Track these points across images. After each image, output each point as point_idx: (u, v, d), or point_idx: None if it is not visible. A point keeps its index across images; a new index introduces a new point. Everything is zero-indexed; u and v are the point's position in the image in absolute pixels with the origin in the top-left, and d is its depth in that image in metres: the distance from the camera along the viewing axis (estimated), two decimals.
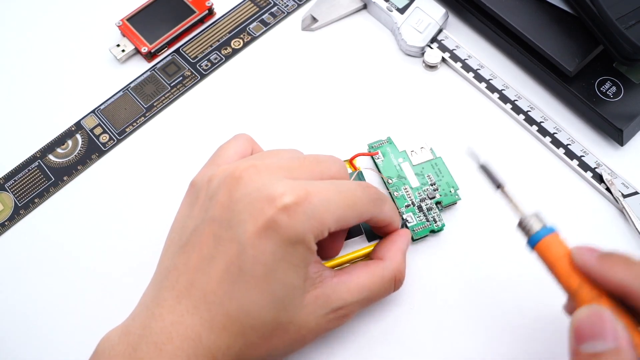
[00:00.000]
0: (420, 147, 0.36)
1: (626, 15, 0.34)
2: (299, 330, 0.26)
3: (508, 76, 0.40)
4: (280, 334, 0.26)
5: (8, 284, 0.34)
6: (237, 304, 0.25)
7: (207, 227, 0.26)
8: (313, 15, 0.43)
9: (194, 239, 0.26)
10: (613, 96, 0.36)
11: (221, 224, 0.25)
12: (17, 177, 0.38)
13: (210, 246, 0.26)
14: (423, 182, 0.35)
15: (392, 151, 0.36)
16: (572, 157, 0.36)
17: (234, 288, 0.25)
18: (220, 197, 0.26)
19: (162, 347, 0.24)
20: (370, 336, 0.32)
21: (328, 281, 0.27)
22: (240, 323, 0.25)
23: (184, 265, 0.26)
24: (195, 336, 0.25)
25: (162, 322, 0.25)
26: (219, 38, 0.43)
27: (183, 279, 0.26)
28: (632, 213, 0.34)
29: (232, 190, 0.26)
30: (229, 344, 0.25)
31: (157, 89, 0.41)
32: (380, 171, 0.35)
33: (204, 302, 0.25)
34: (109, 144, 0.39)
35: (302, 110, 0.39)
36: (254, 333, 0.25)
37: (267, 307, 0.25)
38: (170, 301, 0.25)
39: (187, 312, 0.25)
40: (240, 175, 0.26)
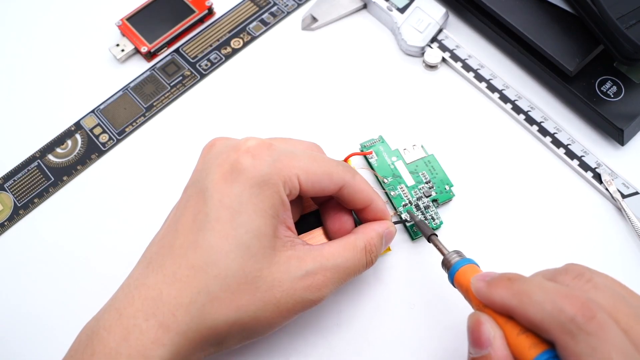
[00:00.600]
0: (412, 145, 0.36)
1: (627, 14, 0.34)
2: (271, 290, 0.25)
3: (508, 76, 0.40)
4: (249, 289, 0.24)
5: (8, 284, 0.34)
6: (201, 252, 0.24)
7: (182, 195, 0.27)
8: (313, 15, 0.42)
9: (172, 210, 0.27)
10: (613, 96, 0.36)
11: (194, 185, 0.26)
12: (16, 177, 0.38)
13: (182, 207, 0.26)
14: (418, 180, 0.35)
15: (384, 150, 0.36)
16: (572, 157, 0.36)
17: (199, 236, 0.24)
18: (197, 165, 0.28)
19: (122, 312, 0.24)
20: (371, 336, 0.32)
21: (300, 247, 0.27)
22: (204, 273, 0.24)
23: (158, 236, 0.27)
24: (155, 294, 0.24)
25: (127, 288, 0.25)
26: (218, 38, 0.43)
27: (154, 247, 0.26)
28: (631, 213, 0.34)
29: (205, 154, 0.28)
30: (191, 298, 0.24)
31: (156, 89, 0.41)
32: (375, 171, 0.35)
33: (170, 257, 0.25)
34: (108, 144, 0.39)
35: (302, 110, 0.39)
36: (218, 284, 0.24)
37: (232, 253, 0.24)
38: (140, 269, 0.25)
39: (152, 272, 0.25)
40: (214, 142, 0.28)
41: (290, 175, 0.26)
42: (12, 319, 0.33)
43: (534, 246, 0.34)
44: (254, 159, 0.25)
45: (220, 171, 0.25)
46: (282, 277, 0.25)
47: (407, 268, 0.34)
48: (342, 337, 0.32)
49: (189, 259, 0.24)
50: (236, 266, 0.24)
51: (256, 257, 0.25)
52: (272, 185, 0.25)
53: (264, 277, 0.25)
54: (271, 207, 0.25)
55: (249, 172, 0.25)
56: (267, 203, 0.25)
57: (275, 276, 0.25)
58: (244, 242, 0.24)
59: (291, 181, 0.26)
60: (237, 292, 0.24)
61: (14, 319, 0.33)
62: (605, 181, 0.35)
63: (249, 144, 0.26)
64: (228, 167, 0.25)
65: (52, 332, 0.33)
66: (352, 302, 0.33)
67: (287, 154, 0.26)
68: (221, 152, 0.26)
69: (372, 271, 0.33)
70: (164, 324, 0.23)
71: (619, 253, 0.34)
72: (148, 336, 0.23)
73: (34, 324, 0.33)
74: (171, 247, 0.25)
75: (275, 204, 0.25)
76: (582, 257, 0.34)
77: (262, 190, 0.25)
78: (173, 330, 0.24)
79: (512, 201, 0.36)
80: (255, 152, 0.26)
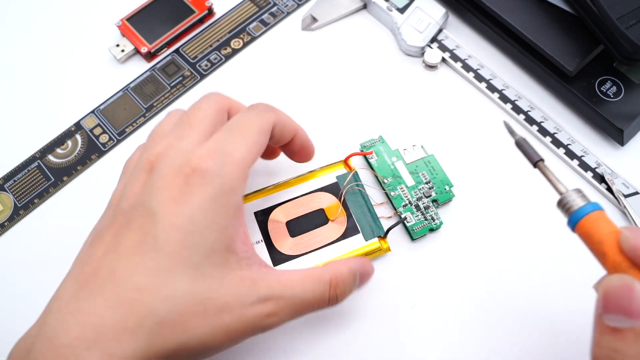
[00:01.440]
0: (412, 145, 0.36)
1: (627, 14, 0.34)
2: (220, 314, 0.23)
3: (508, 76, 0.40)
4: (198, 312, 0.23)
5: (8, 284, 0.34)
6: (149, 274, 0.23)
7: (116, 217, 0.25)
8: (313, 15, 0.42)
9: (104, 231, 0.25)
10: (613, 96, 0.36)
11: (134, 208, 0.25)
12: (16, 177, 0.38)
13: (122, 228, 0.24)
14: (418, 180, 0.35)
15: (384, 150, 0.36)
16: (572, 157, 0.36)
17: (146, 259, 0.23)
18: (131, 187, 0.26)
19: (55, 342, 0.22)
20: (371, 336, 0.32)
21: (256, 268, 0.25)
22: (151, 295, 0.23)
23: (89, 256, 0.25)
24: (96, 320, 0.22)
25: (58, 313, 0.23)
26: (218, 38, 0.43)
27: (88, 268, 0.24)
28: (633, 213, 0.34)
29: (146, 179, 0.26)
30: (138, 322, 0.22)
31: (156, 89, 0.41)
32: (375, 171, 0.35)
33: (111, 280, 0.23)
34: (108, 144, 0.39)
35: (302, 110, 0.39)
36: (166, 306, 0.23)
37: (181, 274, 0.23)
38: (71, 291, 0.24)
39: (89, 295, 0.23)
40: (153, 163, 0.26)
41: (242, 170, 0.25)
42: (12, 319, 0.33)
43: (534, 246, 0.34)
44: (203, 177, 0.24)
45: (169, 194, 0.24)
46: (232, 300, 0.24)
47: (407, 268, 0.34)
48: (342, 336, 0.32)
49: (134, 281, 0.23)
50: (184, 287, 0.23)
51: (205, 277, 0.23)
52: (227, 192, 0.24)
53: (213, 300, 0.23)
54: (225, 218, 0.24)
55: (200, 191, 0.24)
56: (221, 214, 0.24)
57: (225, 299, 0.24)
58: (194, 263, 0.23)
59: (244, 174, 0.25)
60: (185, 314, 0.23)
61: (14, 320, 0.33)
62: (608, 181, 0.35)
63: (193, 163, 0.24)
64: (177, 190, 0.24)
65: None
66: (351, 301, 0.33)
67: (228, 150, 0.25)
68: (164, 174, 0.25)
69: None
70: (108, 351, 0.22)
71: None
72: None
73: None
74: (112, 270, 0.23)
75: (229, 212, 0.24)
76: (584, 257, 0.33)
77: (217, 202, 0.24)
78: (118, 358, 0.22)
79: (513, 201, 0.36)
80: (202, 168, 0.24)
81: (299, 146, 0.31)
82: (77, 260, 0.25)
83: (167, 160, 0.25)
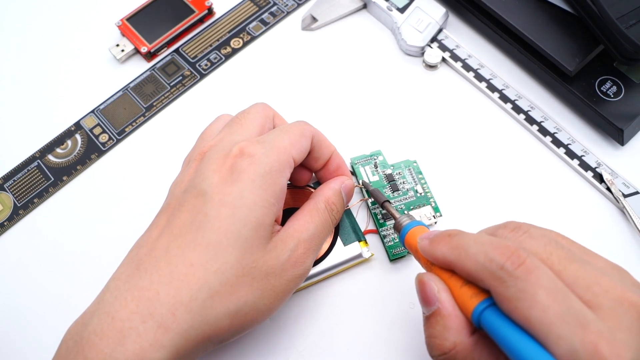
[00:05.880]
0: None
1: (627, 14, 0.34)
2: (266, 277, 0.26)
3: (508, 76, 0.40)
4: (246, 280, 0.25)
5: (8, 284, 0.34)
6: (200, 250, 0.24)
7: (171, 202, 0.27)
8: (313, 15, 0.42)
9: (159, 215, 0.27)
10: (613, 96, 0.36)
11: (187, 191, 0.26)
12: (16, 177, 0.38)
13: (175, 211, 0.26)
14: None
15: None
16: (572, 156, 0.36)
17: (198, 235, 0.25)
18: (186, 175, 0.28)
19: (114, 315, 0.23)
20: (371, 335, 0.32)
21: (280, 231, 0.27)
22: (203, 269, 0.24)
23: (145, 239, 0.26)
24: (151, 295, 0.23)
25: (116, 290, 0.24)
26: (218, 38, 0.43)
27: (144, 249, 0.25)
28: (632, 212, 0.34)
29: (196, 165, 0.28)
30: (191, 296, 0.24)
31: (156, 89, 0.41)
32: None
33: (165, 258, 0.24)
34: (108, 144, 0.39)
35: (302, 110, 0.39)
36: (217, 279, 0.24)
37: (230, 247, 0.24)
38: (129, 271, 0.25)
39: (145, 273, 0.24)
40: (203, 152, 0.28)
41: (287, 159, 0.27)
42: (13, 319, 0.33)
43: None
44: (250, 158, 0.26)
45: (219, 175, 0.26)
46: (273, 263, 0.26)
47: (407, 267, 0.34)
48: (342, 336, 0.32)
49: (186, 257, 0.24)
50: (233, 259, 0.25)
51: (252, 249, 0.25)
52: (274, 174, 0.26)
53: (259, 267, 0.25)
54: (273, 196, 0.26)
55: (249, 171, 0.26)
56: (270, 192, 0.26)
57: (268, 264, 0.26)
58: (242, 235, 0.25)
59: (288, 163, 0.27)
60: (235, 285, 0.25)
61: (14, 319, 0.33)
62: (607, 180, 0.35)
63: (241, 146, 0.26)
64: (226, 171, 0.26)
65: (52, 332, 0.33)
66: (351, 301, 0.33)
67: (274, 141, 0.27)
68: (213, 159, 0.27)
69: (372, 271, 0.33)
70: (163, 324, 0.23)
71: (621, 252, 0.34)
72: (146, 338, 0.23)
73: (34, 324, 0.33)
74: (167, 249, 0.25)
75: (276, 191, 0.26)
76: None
77: (265, 181, 0.26)
78: (173, 331, 0.23)
79: (512, 200, 0.36)
80: (249, 151, 0.26)
81: (336, 166, 0.31)
82: (135, 245, 0.27)
83: (217, 148, 0.27)
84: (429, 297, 0.24)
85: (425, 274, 0.25)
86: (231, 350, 0.31)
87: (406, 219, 0.28)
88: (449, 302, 0.23)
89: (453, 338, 0.23)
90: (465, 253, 0.23)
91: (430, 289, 0.24)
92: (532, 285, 0.20)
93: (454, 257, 0.23)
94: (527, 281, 0.20)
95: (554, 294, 0.20)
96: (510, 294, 0.20)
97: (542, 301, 0.20)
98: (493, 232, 0.24)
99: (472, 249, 0.22)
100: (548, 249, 0.22)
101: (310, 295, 0.33)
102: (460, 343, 0.22)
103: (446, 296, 0.23)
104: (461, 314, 0.23)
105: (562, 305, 0.20)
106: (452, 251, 0.23)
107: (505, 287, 0.21)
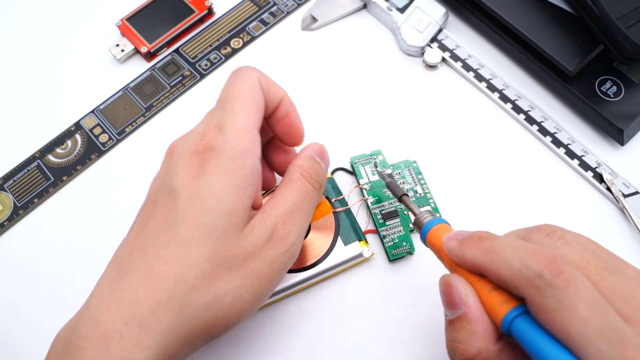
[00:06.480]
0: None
1: (627, 14, 0.34)
2: (245, 264, 0.25)
3: (508, 76, 0.40)
4: (224, 270, 0.24)
5: (8, 284, 0.34)
6: (173, 246, 0.24)
7: (146, 202, 0.27)
8: (313, 15, 0.42)
9: (137, 217, 0.27)
10: (613, 96, 0.36)
11: (159, 189, 0.26)
12: (16, 177, 0.38)
13: (149, 211, 0.26)
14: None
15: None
16: (572, 156, 0.36)
17: (170, 233, 0.24)
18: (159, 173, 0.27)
19: (98, 319, 0.23)
20: (371, 335, 0.32)
21: (256, 212, 0.26)
22: (178, 265, 0.24)
23: (126, 241, 0.26)
24: (132, 296, 0.23)
25: (100, 295, 0.24)
26: (218, 38, 0.43)
27: (124, 252, 0.25)
28: (632, 212, 0.34)
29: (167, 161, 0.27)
30: (169, 293, 0.23)
31: (156, 89, 0.41)
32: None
33: (142, 258, 0.24)
34: (108, 144, 0.39)
35: (301, 110, 0.39)
36: (193, 273, 0.24)
37: (202, 239, 0.24)
38: (112, 275, 0.25)
39: (125, 275, 0.24)
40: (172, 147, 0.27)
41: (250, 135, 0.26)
42: (13, 319, 0.33)
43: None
44: (213, 151, 0.25)
45: (187, 171, 0.25)
46: (251, 248, 0.25)
47: (407, 268, 0.34)
48: (342, 336, 0.32)
49: (161, 256, 0.24)
50: (207, 251, 0.24)
51: (225, 236, 0.24)
52: (238, 159, 0.25)
53: (236, 255, 0.25)
54: (243, 180, 0.25)
55: (213, 162, 0.25)
56: (238, 177, 0.25)
57: (245, 249, 0.25)
58: (213, 225, 0.24)
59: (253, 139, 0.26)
60: (211, 277, 0.24)
61: (14, 319, 0.33)
62: (607, 180, 0.35)
63: (204, 141, 0.26)
64: (194, 166, 0.25)
65: (52, 332, 0.33)
66: (351, 302, 0.33)
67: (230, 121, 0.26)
68: (181, 155, 0.26)
69: (371, 271, 0.33)
70: (145, 324, 0.23)
71: (621, 252, 0.33)
72: (129, 340, 0.23)
73: (33, 324, 0.33)
74: (144, 249, 0.25)
75: (246, 174, 0.25)
76: None
77: (230, 167, 0.25)
78: (155, 330, 0.23)
79: (513, 200, 0.36)
80: (211, 145, 0.25)
81: (284, 113, 0.29)
82: (117, 248, 0.27)
83: (182, 141, 0.27)
84: (455, 301, 0.23)
85: (452, 276, 0.24)
86: (230, 350, 0.31)
87: (428, 216, 0.27)
88: (477, 307, 0.22)
89: (478, 344, 0.22)
90: (499, 258, 0.22)
91: (458, 292, 0.23)
92: (572, 296, 0.19)
93: (486, 261, 0.22)
94: (567, 291, 0.19)
95: (593, 306, 0.19)
96: (548, 304, 0.20)
97: (582, 314, 0.19)
98: (525, 235, 0.23)
99: (506, 254, 0.21)
100: (585, 258, 0.21)
101: (310, 295, 0.33)
102: (486, 350, 0.22)
103: (474, 300, 0.22)
104: (488, 320, 0.22)
105: (601, 319, 0.19)
106: (484, 255, 0.22)
107: (543, 296, 0.20)
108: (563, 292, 0.20)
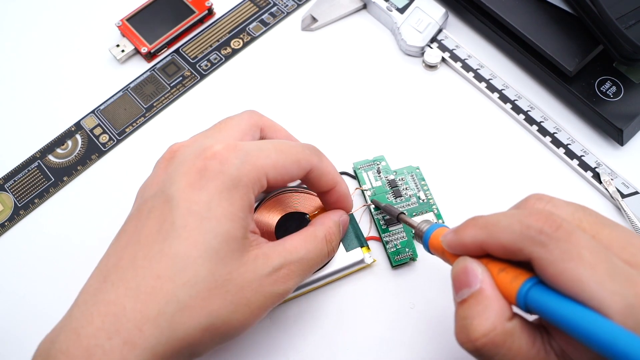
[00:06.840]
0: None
1: (626, 15, 0.34)
2: (242, 291, 0.24)
3: (508, 76, 0.40)
4: (219, 293, 0.24)
5: (8, 284, 0.34)
6: (168, 261, 0.23)
7: (140, 207, 0.26)
8: (313, 15, 0.42)
9: (128, 222, 0.26)
10: (613, 96, 0.36)
11: (156, 196, 0.25)
12: (16, 177, 0.38)
13: (143, 218, 0.25)
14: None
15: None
16: (572, 156, 0.36)
17: (165, 245, 0.23)
18: (156, 177, 0.27)
19: (80, 332, 0.22)
20: (372, 335, 0.32)
21: (264, 245, 0.26)
22: (171, 282, 0.23)
23: (114, 247, 0.25)
24: (118, 309, 0.22)
25: (83, 305, 0.23)
26: (218, 38, 0.43)
27: (112, 260, 0.24)
28: (631, 213, 0.34)
29: (166, 165, 0.27)
30: (159, 310, 0.22)
31: (156, 89, 0.41)
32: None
33: (132, 269, 0.23)
34: (108, 145, 0.39)
35: (302, 110, 0.39)
36: (187, 291, 0.23)
37: (200, 259, 0.23)
38: (96, 284, 0.24)
39: (112, 286, 0.23)
40: (174, 151, 0.27)
41: (259, 176, 0.25)
42: (13, 319, 0.33)
43: None
44: (221, 165, 0.25)
45: (187, 180, 0.24)
46: (250, 276, 0.25)
47: (410, 274, 0.34)
48: (343, 336, 0.32)
49: (153, 269, 0.23)
50: (205, 272, 0.23)
51: (225, 260, 0.24)
52: (242, 188, 0.25)
53: (234, 280, 0.24)
54: (241, 210, 0.25)
55: (217, 178, 0.24)
56: (237, 206, 0.25)
57: (244, 277, 0.24)
58: (212, 247, 0.24)
59: (260, 182, 0.25)
60: (207, 298, 0.23)
61: (14, 319, 0.33)
62: (604, 181, 0.35)
63: (215, 149, 0.25)
64: (195, 175, 0.24)
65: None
66: (353, 307, 0.33)
67: (253, 153, 0.26)
68: (185, 160, 0.25)
69: (374, 277, 0.33)
70: (130, 340, 0.22)
71: None
72: (112, 356, 0.22)
73: (34, 324, 0.33)
74: (133, 259, 0.24)
75: (244, 206, 0.25)
76: None
77: (232, 194, 0.24)
78: (140, 347, 0.22)
79: (513, 200, 0.35)
80: (222, 156, 0.25)
81: (335, 199, 0.30)
82: (105, 254, 0.26)
83: (188, 149, 0.26)
84: (469, 279, 0.23)
85: (465, 258, 0.24)
86: (231, 352, 0.31)
87: (425, 225, 0.28)
88: (491, 284, 0.22)
89: (492, 319, 0.21)
90: (498, 227, 0.22)
91: (473, 270, 0.23)
92: (575, 245, 0.20)
93: (486, 235, 0.22)
94: (569, 242, 0.20)
95: (597, 253, 0.20)
96: (555, 257, 0.20)
97: (589, 260, 0.19)
98: (515, 207, 0.24)
99: (503, 222, 0.22)
100: (577, 216, 0.22)
101: (311, 299, 0.33)
102: (500, 325, 0.21)
103: (488, 278, 0.22)
104: (502, 298, 0.22)
105: (608, 263, 0.19)
106: (482, 230, 0.23)
107: (548, 250, 0.20)
108: (566, 243, 0.20)
